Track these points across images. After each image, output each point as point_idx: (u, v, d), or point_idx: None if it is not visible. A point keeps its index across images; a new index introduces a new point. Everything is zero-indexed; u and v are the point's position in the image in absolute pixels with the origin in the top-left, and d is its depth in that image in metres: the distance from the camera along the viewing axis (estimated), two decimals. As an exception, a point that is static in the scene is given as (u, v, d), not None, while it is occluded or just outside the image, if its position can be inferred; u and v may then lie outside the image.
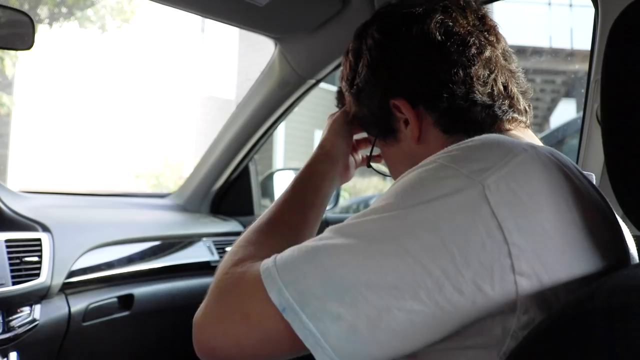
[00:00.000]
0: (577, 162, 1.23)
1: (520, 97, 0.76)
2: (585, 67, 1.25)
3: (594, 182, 0.67)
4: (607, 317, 0.41)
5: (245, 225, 2.01)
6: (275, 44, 1.61)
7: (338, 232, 0.58)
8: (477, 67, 0.72)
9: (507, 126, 0.74)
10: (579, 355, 0.42)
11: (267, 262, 0.59)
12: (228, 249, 1.97)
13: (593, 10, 1.17)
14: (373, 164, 0.93)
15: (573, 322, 0.43)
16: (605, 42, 0.49)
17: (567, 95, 10.40)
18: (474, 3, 0.79)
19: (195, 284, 1.74)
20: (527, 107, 0.77)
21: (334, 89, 0.96)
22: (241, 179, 2.09)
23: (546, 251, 0.52)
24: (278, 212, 0.79)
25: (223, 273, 0.67)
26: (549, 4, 9.81)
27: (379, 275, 0.52)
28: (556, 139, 4.78)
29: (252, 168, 2.11)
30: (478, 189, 0.52)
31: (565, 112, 9.92)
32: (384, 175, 0.91)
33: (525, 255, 0.51)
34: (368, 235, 0.55)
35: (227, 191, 2.10)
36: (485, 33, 0.75)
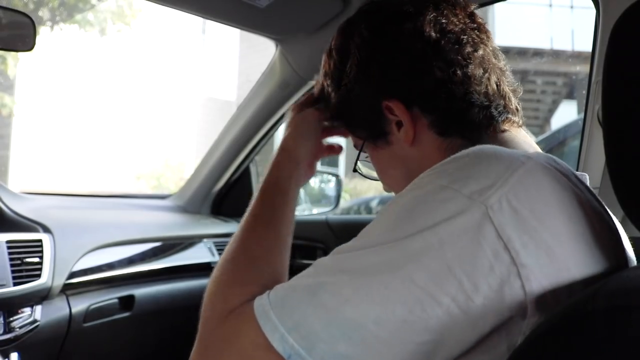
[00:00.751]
0: (578, 164, 1.23)
1: (511, 96, 0.74)
2: (586, 68, 1.25)
3: (587, 183, 0.67)
4: (608, 319, 0.41)
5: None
6: (276, 45, 1.61)
7: (335, 267, 0.54)
8: (473, 66, 0.69)
9: (503, 127, 0.71)
10: (580, 357, 0.42)
11: (261, 305, 0.55)
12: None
13: (594, 11, 1.17)
14: (362, 169, 0.88)
15: (574, 323, 0.43)
16: (607, 43, 0.49)
17: (568, 96, 10.40)
18: (462, 0, 0.75)
19: (195, 285, 1.74)
20: (517, 106, 0.75)
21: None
22: (242, 180, 2.09)
23: (552, 268, 0.50)
24: (249, 230, 0.74)
25: (210, 323, 0.63)
26: (550, 5, 9.81)
27: (386, 309, 0.49)
28: (557, 140, 4.78)
29: (252, 169, 2.11)
30: (481, 210, 0.50)
31: (567, 113, 9.91)
32: (372, 179, 0.87)
33: (534, 274, 0.49)
34: (369, 268, 0.51)
35: (227, 192, 2.10)
36: (477, 31, 0.73)
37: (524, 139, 0.72)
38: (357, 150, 0.82)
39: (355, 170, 0.87)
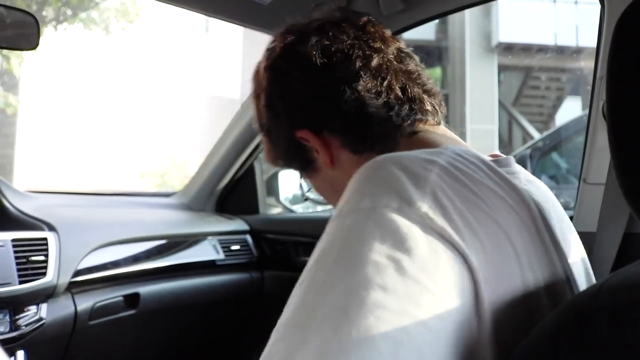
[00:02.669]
0: (583, 160, 1.23)
1: (424, 96, 0.73)
2: (590, 64, 1.24)
3: (514, 168, 0.67)
4: (612, 315, 0.41)
5: (250, 224, 2.03)
6: (280, 43, 1.61)
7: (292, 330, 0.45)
8: (365, 79, 0.70)
9: (414, 129, 0.71)
10: (583, 354, 0.42)
11: None
12: (233, 247, 1.98)
13: (599, 6, 1.17)
14: (311, 196, 0.92)
15: (577, 320, 0.43)
16: (611, 38, 0.49)
17: (573, 92, 10.38)
18: (351, 15, 0.77)
19: (200, 283, 1.74)
20: (435, 105, 0.74)
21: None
22: (246, 177, 2.10)
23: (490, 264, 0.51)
24: None
25: None
26: (554, 1, 9.78)
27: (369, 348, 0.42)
28: (562, 136, 4.77)
29: (257, 167, 2.11)
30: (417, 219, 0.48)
31: (571, 109, 9.89)
32: (322, 204, 0.90)
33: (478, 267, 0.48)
34: (329, 323, 0.43)
35: (232, 190, 2.11)
36: (369, 42, 0.73)
37: (443, 135, 0.72)
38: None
39: (306, 199, 0.90)
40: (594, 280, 0.74)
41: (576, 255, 0.67)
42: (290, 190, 2.37)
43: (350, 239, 0.48)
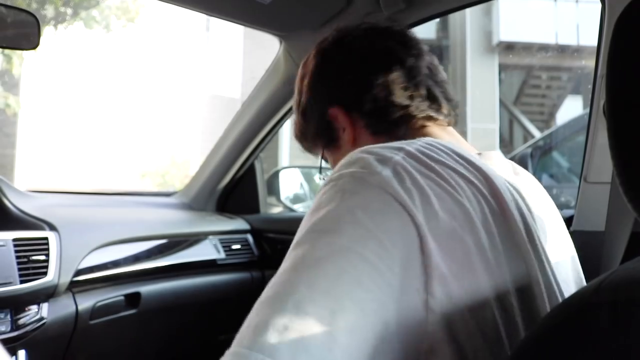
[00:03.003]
0: (584, 159, 1.23)
1: (443, 100, 0.84)
2: (591, 63, 1.24)
3: (496, 161, 0.71)
4: (612, 311, 0.41)
5: (250, 223, 2.03)
6: (280, 42, 1.61)
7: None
8: (397, 73, 0.81)
9: (423, 123, 0.82)
10: (584, 349, 0.42)
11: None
12: (234, 246, 1.98)
13: (599, 5, 1.17)
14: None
15: (578, 315, 0.43)
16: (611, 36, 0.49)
17: (574, 91, 10.36)
18: (395, 25, 0.90)
19: (201, 282, 1.74)
20: (450, 110, 0.86)
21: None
22: (247, 177, 2.10)
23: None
24: None
25: None
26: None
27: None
28: (563, 135, 4.77)
29: (257, 166, 2.11)
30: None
31: (572, 108, 9.88)
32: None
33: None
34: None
35: (233, 189, 2.11)
36: (408, 48, 0.85)
37: (448, 133, 0.83)
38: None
39: (320, 173, 1.03)
40: (583, 281, 0.74)
41: (561, 255, 0.68)
42: (291, 190, 2.37)
43: (319, 201, 0.57)
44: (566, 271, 0.68)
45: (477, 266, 0.55)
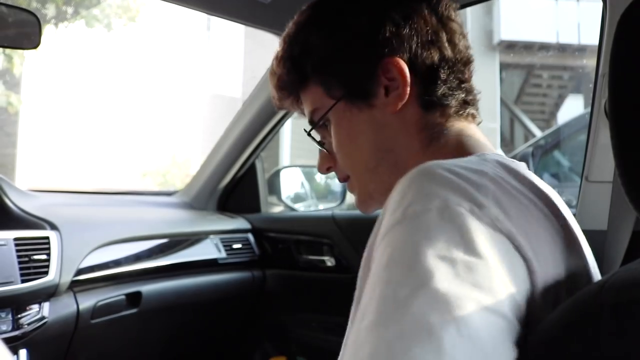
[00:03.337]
0: (585, 158, 1.23)
1: (476, 94, 0.77)
2: (593, 62, 1.24)
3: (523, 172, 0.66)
4: (615, 312, 0.41)
5: (251, 223, 2.03)
6: (281, 41, 1.61)
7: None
8: (467, 58, 0.76)
9: (462, 112, 0.74)
10: (586, 351, 0.42)
11: None
12: (235, 246, 1.98)
13: (601, 4, 1.16)
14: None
15: (580, 317, 0.43)
16: (613, 35, 0.49)
17: (575, 90, 10.35)
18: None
19: (202, 281, 1.74)
20: (477, 104, 0.78)
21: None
22: (248, 176, 2.10)
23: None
24: None
25: None
26: (556, -2, 9.77)
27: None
28: (564, 134, 4.76)
29: (258, 165, 2.11)
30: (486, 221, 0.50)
31: (573, 107, 9.88)
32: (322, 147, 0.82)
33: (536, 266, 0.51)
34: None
35: (233, 188, 2.11)
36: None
37: (484, 140, 0.73)
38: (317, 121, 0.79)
39: (309, 134, 0.85)
40: (599, 277, 0.74)
41: (588, 251, 0.68)
42: (292, 189, 2.37)
43: (429, 236, 0.47)
44: (594, 266, 0.67)
45: (553, 281, 0.52)
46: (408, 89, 0.70)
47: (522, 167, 0.63)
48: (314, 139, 0.84)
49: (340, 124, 0.76)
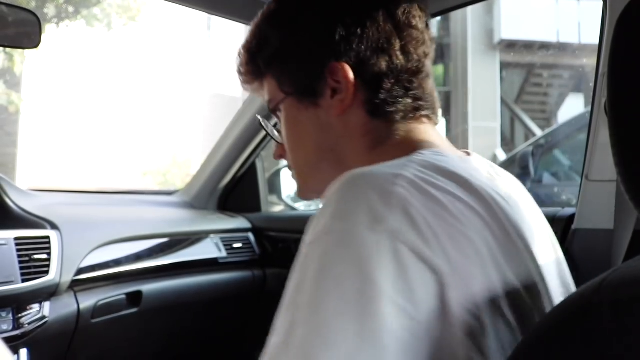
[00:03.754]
0: (585, 157, 1.23)
1: (436, 102, 0.77)
2: (593, 61, 1.24)
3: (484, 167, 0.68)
4: (614, 310, 0.41)
5: (252, 222, 2.03)
6: (282, 41, 1.61)
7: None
8: (422, 64, 0.74)
9: (413, 115, 0.73)
10: (585, 348, 0.42)
11: None
12: (235, 245, 1.98)
13: (601, 3, 1.16)
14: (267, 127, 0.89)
15: (579, 314, 0.43)
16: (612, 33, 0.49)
17: (575, 89, 10.35)
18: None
19: (203, 281, 1.75)
20: (435, 106, 0.77)
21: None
22: (248, 175, 2.10)
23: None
24: None
25: None
26: (557, -3, 9.76)
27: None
28: (564, 134, 4.76)
29: (259, 165, 2.11)
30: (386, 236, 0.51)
31: (574, 106, 9.87)
32: (276, 140, 0.86)
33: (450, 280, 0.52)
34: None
35: (234, 188, 2.11)
36: (431, 44, 0.77)
37: (438, 140, 0.73)
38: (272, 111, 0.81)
39: (260, 125, 0.90)
40: (569, 281, 0.74)
41: (548, 254, 0.68)
42: (292, 188, 2.37)
43: (325, 264, 0.50)
44: (550, 271, 0.67)
45: (482, 284, 0.53)
46: (351, 94, 0.71)
47: (455, 164, 0.62)
48: (263, 127, 0.91)
49: (288, 118, 0.78)
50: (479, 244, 0.54)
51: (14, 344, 1.26)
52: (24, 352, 1.28)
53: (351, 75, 0.71)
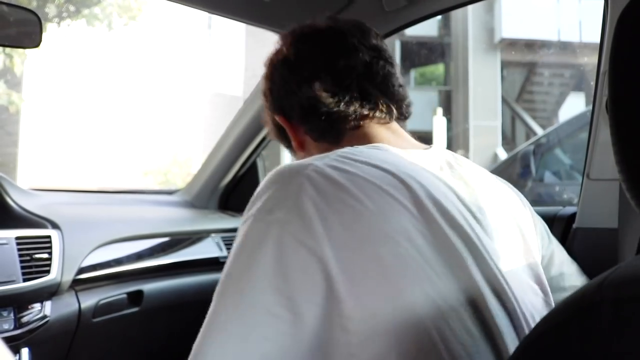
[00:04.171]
0: (586, 156, 1.22)
1: (381, 98, 0.84)
2: (594, 60, 1.24)
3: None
4: (615, 309, 0.41)
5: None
6: (282, 40, 1.61)
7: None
8: (324, 80, 0.83)
9: (358, 123, 0.83)
10: (586, 347, 0.42)
11: None
12: (236, 244, 1.97)
13: (602, 1, 1.16)
14: None
15: (580, 313, 0.43)
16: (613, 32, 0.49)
17: (576, 88, 10.34)
18: (339, 23, 0.89)
19: (204, 280, 1.75)
20: (392, 106, 0.85)
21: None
22: (249, 174, 2.10)
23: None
24: None
25: None
26: (558, -4, 9.76)
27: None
28: (565, 132, 4.76)
29: (260, 164, 2.11)
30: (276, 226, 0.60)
31: (575, 105, 9.87)
32: None
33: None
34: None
35: (235, 187, 2.10)
36: (342, 47, 0.85)
37: (390, 129, 0.84)
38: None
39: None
40: (544, 282, 0.74)
41: (515, 251, 0.68)
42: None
43: (238, 246, 0.63)
44: (514, 273, 0.68)
45: (401, 278, 0.55)
46: (294, 132, 0.89)
47: (384, 156, 0.68)
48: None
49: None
50: (388, 228, 0.57)
51: (15, 344, 1.26)
52: (25, 351, 1.28)
53: (284, 121, 0.89)
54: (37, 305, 1.33)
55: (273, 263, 0.56)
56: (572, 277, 0.93)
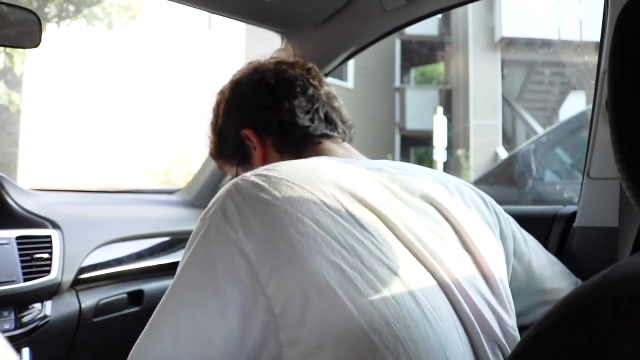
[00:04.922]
0: (586, 155, 1.22)
1: (339, 122, 1.00)
2: (594, 59, 1.24)
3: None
4: (614, 306, 0.41)
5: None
6: (282, 39, 1.61)
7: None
8: (299, 100, 0.97)
9: (320, 140, 0.96)
10: (587, 344, 0.42)
11: None
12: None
13: (602, 0, 1.16)
14: None
15: (580, 311, 0.43)
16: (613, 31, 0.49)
17: (577, 87, 10.34)
18: (301, 60, 1.04)
19: (204, 280, 1.74)
20: (345, 130, 1.01)
21: (341, 83, 1.00)
22: (249, 174, 2.09)
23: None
24: None
25: None
26: (558, -5, 9.75)
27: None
28: (565, 131, 4.76)
29: (260, 163, 2.11)
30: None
31: (575, 104, 9.87)
32: None
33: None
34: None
35: (235, 187, 2.10)
36: (310, 79, 1.00)
37: (342, 147, 0.98)
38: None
39: None
40: (505, 282, 0.74)
41: (458, 256, 0.73)
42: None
43: (191, 247, 0.72)
44: (467, 276, 0.72)
45: (307, 251, 0.62)
46: (261, 145, 0.98)
47: (323, 167, 0.75)
48: None
49: None
50: (311, 238, 0.64)
51: (15, 343, 1.26)
52: (25, 351, 1.28)
53: (253, 134, 0.98)
54: (37, 305, 1.33)
55: (204, 251, 0.68)
56: (554, 280, 0.95)
